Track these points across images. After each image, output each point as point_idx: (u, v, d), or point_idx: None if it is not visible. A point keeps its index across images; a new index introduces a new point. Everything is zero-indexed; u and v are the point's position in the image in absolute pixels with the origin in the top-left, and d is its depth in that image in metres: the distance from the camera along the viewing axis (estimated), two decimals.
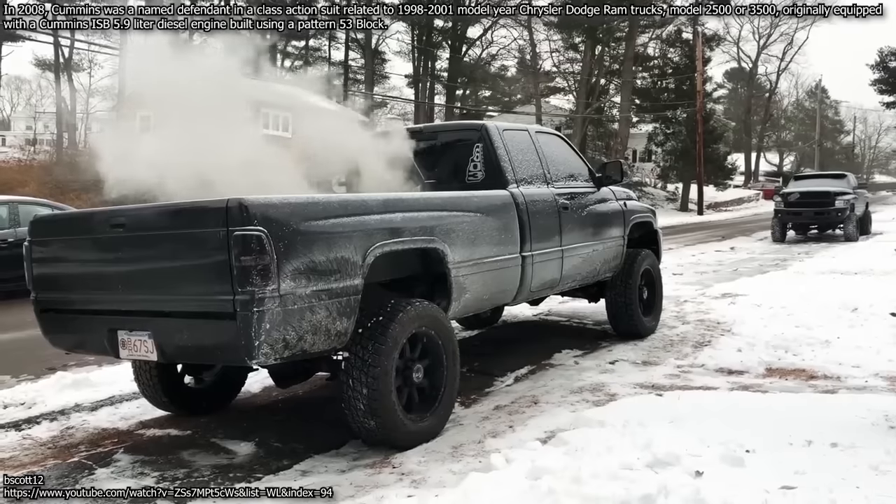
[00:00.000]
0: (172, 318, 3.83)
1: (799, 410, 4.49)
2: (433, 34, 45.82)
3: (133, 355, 4.11)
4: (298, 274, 3.63)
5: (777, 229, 19.01)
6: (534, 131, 6.26)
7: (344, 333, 3.91)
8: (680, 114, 38.38)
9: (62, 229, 4.55)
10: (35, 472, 4.11)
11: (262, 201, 3.59)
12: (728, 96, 68.60)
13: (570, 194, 6.16)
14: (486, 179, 5.52)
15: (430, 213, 4.57)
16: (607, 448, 3.80)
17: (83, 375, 5.99)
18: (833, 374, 5.57)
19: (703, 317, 8.03)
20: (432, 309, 4.46)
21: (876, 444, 3.80)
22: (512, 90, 53.63)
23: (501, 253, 5.14)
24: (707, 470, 3.47)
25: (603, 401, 5.05)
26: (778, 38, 60.99)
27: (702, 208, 36.78)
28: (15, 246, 9.02)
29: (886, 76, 41.92)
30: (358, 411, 4.03)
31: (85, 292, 4.24)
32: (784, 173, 58.66)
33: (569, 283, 6.28)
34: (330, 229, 3.82)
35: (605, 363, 6.19)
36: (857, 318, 7.32)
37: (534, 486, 3.34)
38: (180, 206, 3.87)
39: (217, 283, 3.56)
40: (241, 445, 4.46)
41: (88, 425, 5.00)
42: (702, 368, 5.91)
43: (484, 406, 5.09)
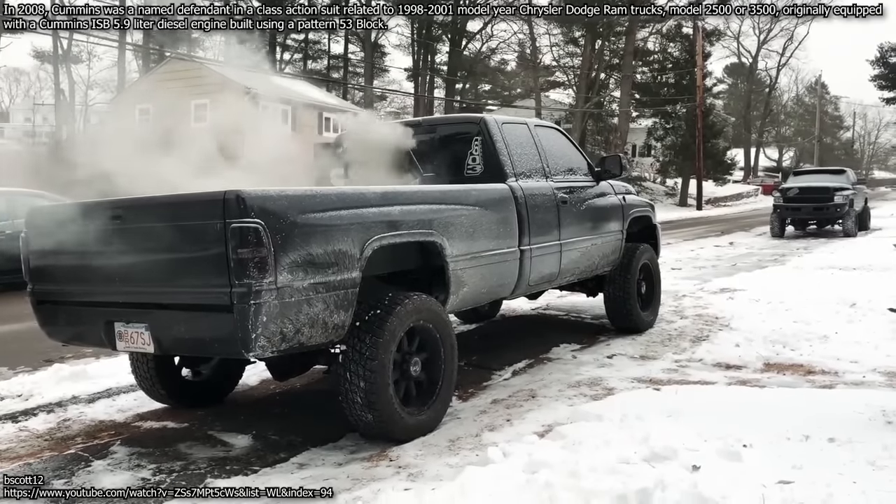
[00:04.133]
0: (169, 310, 3.82)
1: (797, 405, 4.48)
2: (433, 28, 45.73)
3: (130, 347, 4.10)
4: (296, 266, 3.61)
5: (776, 225, 19.02)
6: (533, 125, 6.24)
7: (341, 326, 3.90)
8: (680, 109, 38.34)
9: (59, 221, 4.52)
10: (31, 464, 4.10)
11: (260, 193, 3.57)
12: (728, 91, 68.56)
13: (568, 188, 6.14)
14: (485, 173, 5.50)
15: (428, 206, 4.55)
16: (605, 442, 3.80)
17: (80, 367, 5.98)
18: (831, 370, 5.58)
19: (701, 311, 8.03)
20: (430, 302, 4.45)
21: (873, 438, 3.80)
22: (511, 84, 53.54)
23: (500, 247, 5.13)
24: (704, 464, 3.47)
25: (601, 395, 5.05)
26: (778, 34, 61.00)
27: (701, 203, 36.77)
28: (12, 238, 8.98)
29: (886, 72, 41.86)
30: (355, 404, 4.03)
31: (82, 284, 4.22)
32: (783, 169, 58.70)
33: (567, 278, 6.28)
34: (327, 222, 3.80)
35: (603, 357, 6.18)
36: (855, 313, 7.32)
37: (531, 480, 3.33)
38: (178, 197, 3.85)
39: (214, 276, 3.55)
40: (238, 438, 4.46)
41: (85, 417, 5.00)
42: (700, 363, 5.92)
43: (481, 400, 5.09)
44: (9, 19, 14.84)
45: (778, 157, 73.62)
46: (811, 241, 17.44)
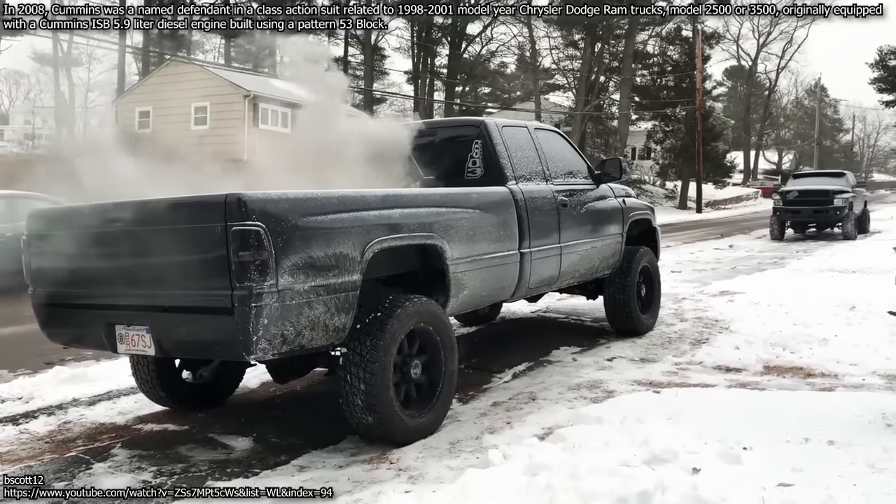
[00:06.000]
0: (170, 312, 3.83)
1: (796, 408, 4.49)
2: (433, 31, 45.75)
3: (131, 350, 4.10)
4: (297, 269, 3.62)
5: (776, 227, 19.03)
6: (533, 128, 6.24)
7: (342, 329, 3.91)
8: (679, 111, 38.33)
9: (60, 223, 4.53)
10: (32, 466, 4.11)
11: (261, 196, 3.58)
12: (727, 94, 68.56)
13: (568, 191, 6.15)
14: (485, 176, 5.51)
15: (428, 209, 4.56)
16: (605, 444, 3.80)
17: (81, 370, 5.98)
18: (831, 372, 5.58)
19: (701, 314, 8.04)
20: (430, 305, 4.45)
21: (873, 441, 3.81)
22: (511, 87, 53.56)
23: (500, 250, 5.14)
24: (704, 467, 3.47)
25: (601, 398, 5.05)
26: (778, 37, 61.12)
27: (700, 206, 36.78)
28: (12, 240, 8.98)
29: (886, 75, 41.99)
30: (356, 407, 4.03)
31: (83, 287, 4.22)
32: (783, 171, 58.74)
33: (567, 280, 6.29)
34: (328, 225, 3.81)
35: (603, 360, 6.19)
36: (854, 316, 7.33)
37: (531, 482, 3.34)
38: (179, 200, 3.85)
39: (215, 278, 3.55)
40: (238, 441, 4.46)
41: (86, 420, 5.00)
42: (700, 366, 5.92)
43: (482, 402, 5.10)
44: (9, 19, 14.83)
45: (777, 160, 73.62)
46: (811, 244, 17.45)
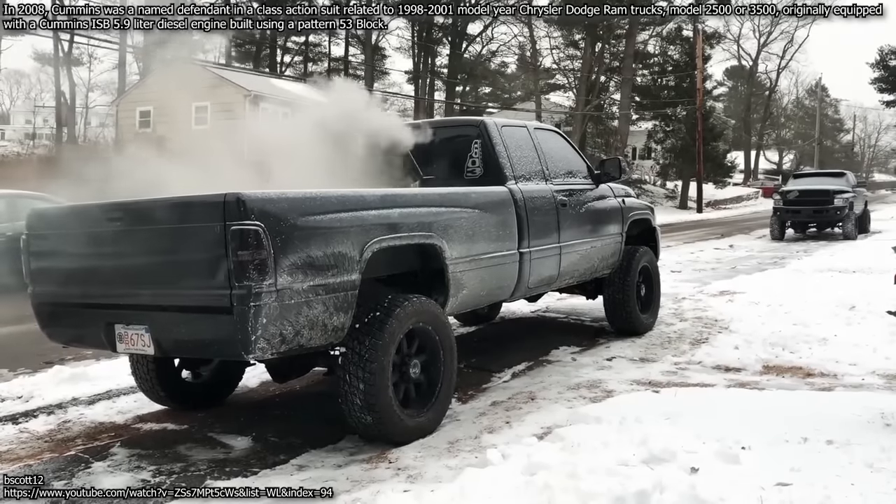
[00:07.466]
0: (170, 312, 3.83)
1: (795, 408, 4.49)
2: (433, 30, 45.76)
3: (130, 349, 4.10)
4: (295, 269, 3.63)
5: (776, 227, 19.02)
6: (533, 128, 6.24)
7: (341, 329, 3.91)
8: (680, 111, 38.31)
9: (60, 223, 4.53)
10: (32, 465, 4.11)
11: (260, 196, 3.59)
12: (728, 94, 68.56)
13: (568, 191, 6.15)
14: (485, 175, 5.51)
15: (427, 208, 4.56)
16: (603, 444, 3.80)
17: (80, 369, 5.99)
18: (830, 372, 5.58)
19: (700, 314, 8.04)
20: (430, 305, 4.46)
21: (871, 441, 3.81)
22: (512, 87, 53.56)
23: (499, 249, 5.14)
24: (702, 466, 3.47)
25: (600, 397, 5.06)
26: (778, 37, 61.05)
27: (701, 206, 36.77)
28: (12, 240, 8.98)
29: (886, 75, 41.97)
30: (355, 406, 4.04)
31: (82, 286, 4.23)
32: (783, 171, 58.72)
33: (567, 280, 6.29)
34: (327, 224, 3.81)
35: (602, 360, 6.19)
36: (854, 316, 7.33)
37: (530, 482, 3.34)
38: (178, 200, 3.85)
39: (214, 278, 3.56)
40: (237, 440, 4.47)
41: (85, 419, 5.01)
42: (699, 365, 5.92)
43: (481, 402, 5.10)
44: (9, 19, 14.84)
45: (778, 160, 73.61)
46: (811, 244, 17.45)
